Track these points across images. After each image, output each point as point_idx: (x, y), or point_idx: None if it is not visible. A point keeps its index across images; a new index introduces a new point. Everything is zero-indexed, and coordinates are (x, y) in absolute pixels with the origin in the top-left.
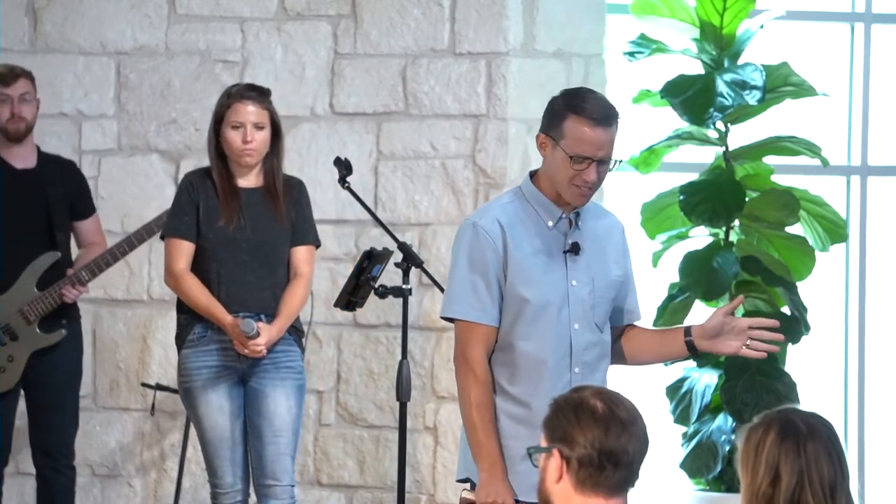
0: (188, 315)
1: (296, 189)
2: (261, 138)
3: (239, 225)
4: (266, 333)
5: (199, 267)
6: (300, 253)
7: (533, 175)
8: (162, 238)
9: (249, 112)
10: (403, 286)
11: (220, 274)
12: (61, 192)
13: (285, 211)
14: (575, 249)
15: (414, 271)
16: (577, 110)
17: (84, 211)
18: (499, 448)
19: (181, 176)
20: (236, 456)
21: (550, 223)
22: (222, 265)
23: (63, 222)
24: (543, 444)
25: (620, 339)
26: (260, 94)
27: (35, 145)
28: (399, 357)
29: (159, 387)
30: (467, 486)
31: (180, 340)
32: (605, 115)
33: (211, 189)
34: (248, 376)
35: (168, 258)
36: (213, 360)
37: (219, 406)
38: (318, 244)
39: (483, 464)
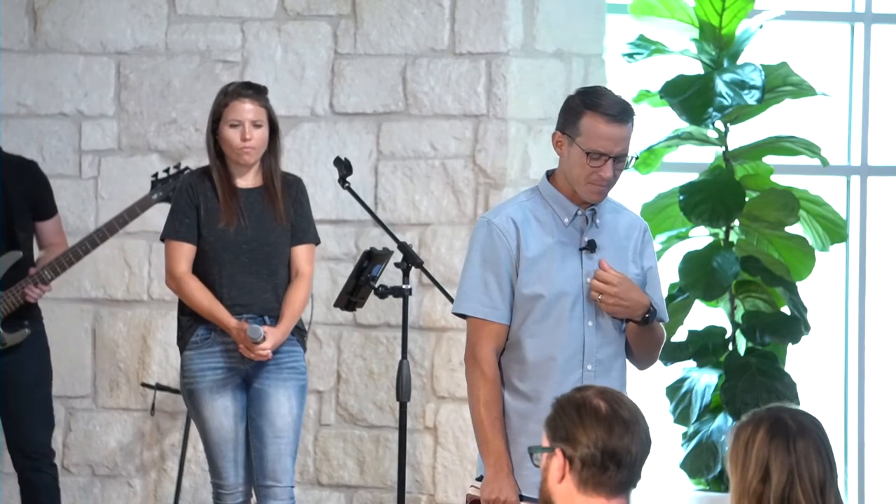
0: (190, 317)
1: (294, 187)
2: (259, 136)
3: (239, 226)
4: (272, 337)
5: (199, 269)
6: (301, 252)
7: (550, 175)
8: (162, 240)
9: (247, 110)
10: (403, 286)
11: (221, 276)
12: (23, 191)
13: (284, 210)
14: (591, 247)
15: (414, 271)
16: (594, 107)
17: (45, 212)
18: (505, 445)
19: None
20: (240, 457)
21: (566, 220)
22: (224, 267)
23: (25, 222)
24: (545, 443)
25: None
26: (257, 92)
27: None
28: (399, 357)
29: (159, 387)
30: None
31: (182, 342)
32: (621, 112)
33: (210, 190)
34: (252, 377)
35: (169, 261)
36: (217, 363)
37: (223, 408)
38: (317, 242)
39: (489, 460)
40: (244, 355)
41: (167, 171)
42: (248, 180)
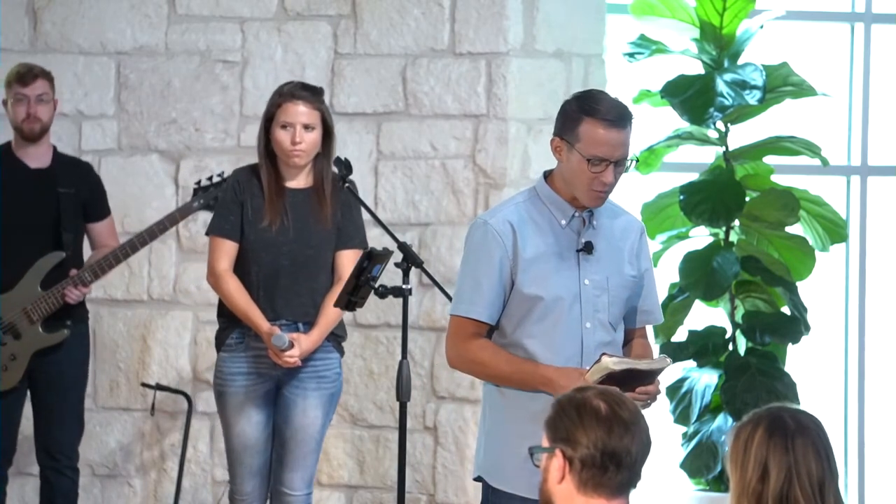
0: (226, 319)
1: (344, 190)
2: (310, 139)
3: (282, 227)
4: (302, 344)
5: (238, 269)
6: (345, 257)
7: (547, 175)
8: (207, 235)
9: (300, 112)
10: (403, 286)
11: (259, 278)
12: (72, 192)
13: (331, 213)
14: (588, 249)
15: (414, 271)
16: (592, 112)
17: (97, 213)
18: (531, 363)
19: (181, 176)
20: (258, 464)
21: (563, 222)
22: (262, 269)
23: (72, 223)
24: (545, 444)
25: (626, 348)
26: (312, 94)
27: (52, 145)
28: (399, 357)
29: (159, 387)
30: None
31: (218, 343)
32: (619, 116)
33: (257, 188)
34: (283, 383)
35: (211, 257)
36: (247, 367)
37: (248, 415)
38: (364, 247)
39: (538, 383)
40: (274, 361)
41: (210, 178)
42: (298, 181)
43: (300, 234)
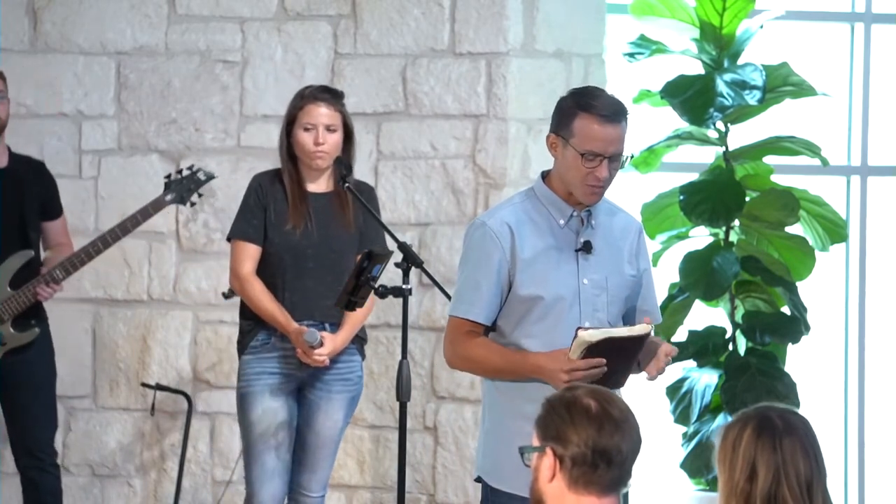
0: (252, 321)
1: (365, 194)
2: (332, 141)
3: (306, 231)
4: (330, 344)
5: (263, 272)
6: None
7: (545, 176)
8: (228, 240)
9: (322, 114)
10: (403, 286)
11: (284, 280)
12: (34, 191)
13: (353, 217)
14: (587, 248)
15: (414, 271)
16: (587, 108)
17: (53, 212)
18: (521, 352)
19: None
20: (277, 466)
21: (562, 222)
22: (287, 271)
23: (36, 221)
24: (536, 442)
25: None
26: (333, 97)
27: (6, 145)
28: (399, 357)
29: (159, 387)
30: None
31: (241, 346)
32: (614, 112)
33: (280, 192)
34: (307, 385)
35: (234, 260)
36: (273, 368)
37: (273, 415)
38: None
39: (530, 370)
40: (302, 361)
41: (180, 172)
42: (319, 185)
43: (324, 238)
